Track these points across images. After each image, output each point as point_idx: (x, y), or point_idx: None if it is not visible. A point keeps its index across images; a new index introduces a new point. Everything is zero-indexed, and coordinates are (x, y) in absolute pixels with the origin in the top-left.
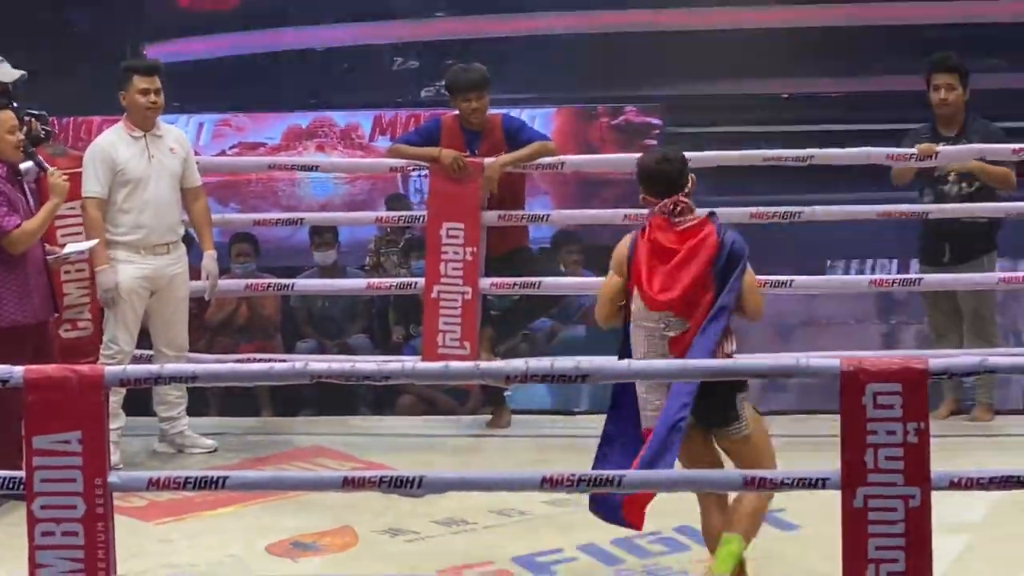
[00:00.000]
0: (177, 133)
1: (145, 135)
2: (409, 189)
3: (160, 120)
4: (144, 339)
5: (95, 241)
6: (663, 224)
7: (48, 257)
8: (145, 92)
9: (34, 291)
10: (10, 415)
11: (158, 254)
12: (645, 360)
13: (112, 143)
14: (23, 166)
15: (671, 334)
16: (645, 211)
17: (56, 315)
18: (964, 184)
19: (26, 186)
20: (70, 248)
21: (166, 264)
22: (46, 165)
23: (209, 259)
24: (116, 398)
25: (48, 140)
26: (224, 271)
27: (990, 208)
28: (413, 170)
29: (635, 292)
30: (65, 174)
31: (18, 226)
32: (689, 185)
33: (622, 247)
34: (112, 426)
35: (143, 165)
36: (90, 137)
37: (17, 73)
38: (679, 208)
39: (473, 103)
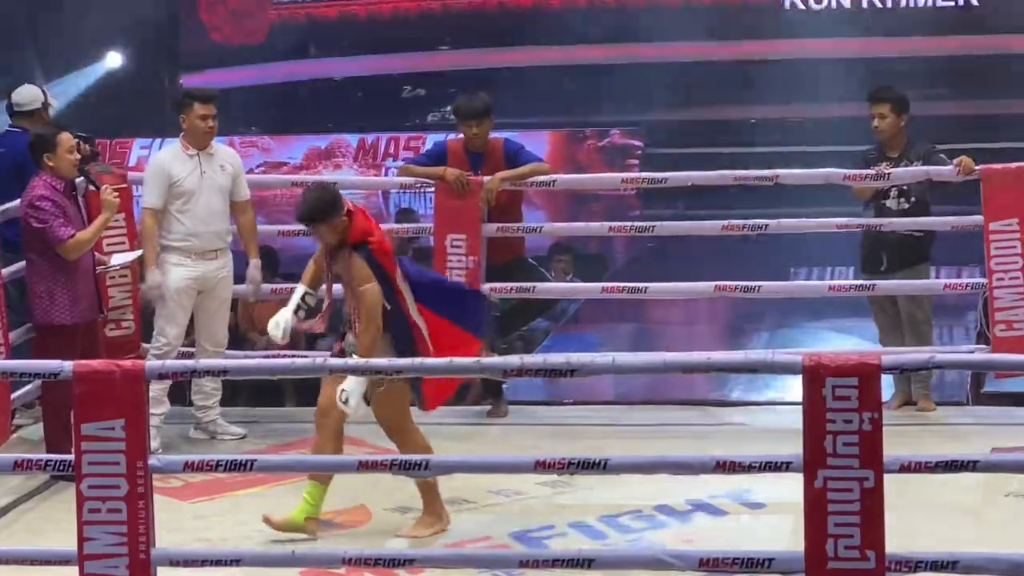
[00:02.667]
0: (229, 152)
1: (199, 153)
2: (390, 204)
3: (214, 140)
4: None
5: (138, 253)
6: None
7: (98, 268)
8: (204, 118)
9: (83, 295)
10: (61, 405)
11: (207, 259)
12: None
13: (169, 159)
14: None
15: None
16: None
17: (102, 316)
18: (903, 199)
19: (80, 200)
20: (116, 260)
21: (214, 268)
22: (98, 182)
23: (254, 267)
24: (162, 386)
25: (95, 160)
26: None
27: (929, 222)
28: (421, 187)
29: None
30: (115, 190)
31: (72, 236)
32: None
33: (362, 265)
34: (156, 411)
35: (195, 180)
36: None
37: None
38: None
39: (474, 128)
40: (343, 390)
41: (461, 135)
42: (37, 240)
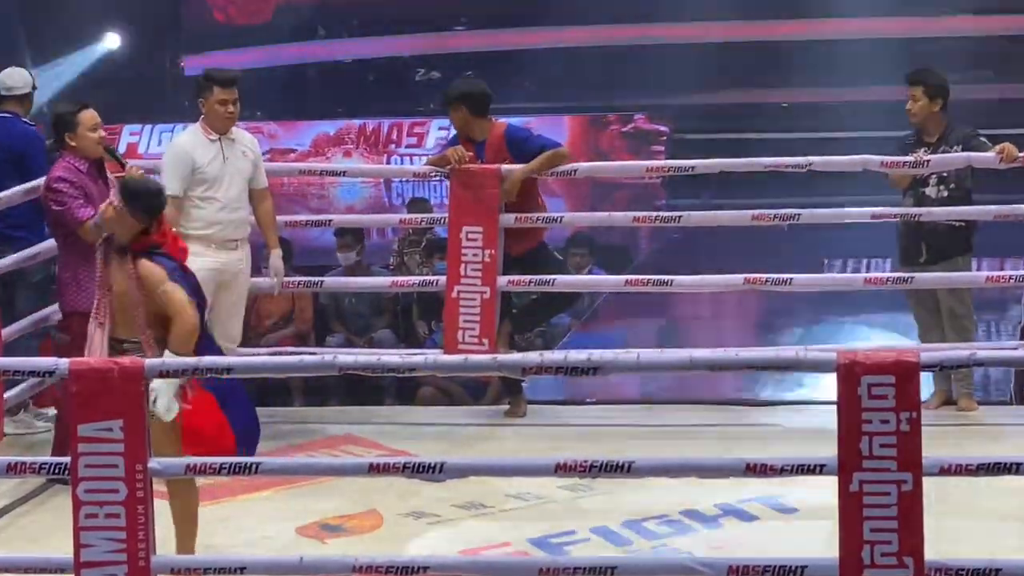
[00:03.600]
0: (248, 138)
1: (220, 138)
2: (392, 194)
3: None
4: None
5: None
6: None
7: None
8: (224, 102)
9: None
10: None
11: (228, 249)
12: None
13: (191, 144)
14: None
15: None
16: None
17: None
18: (943, 187)
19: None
20: None
21: (235, 259)
22: (124, 160)
23: (275, 257)
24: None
25: None
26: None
27: (970, 211)
28: (436, 176)
29: None
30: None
31: (91, 217)
32: None
33: (152, 266)
34: None
35: (218, 166)
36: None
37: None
38: None
39: (449, 116)
40: (152, 389)
41: None
42: (59, 224)
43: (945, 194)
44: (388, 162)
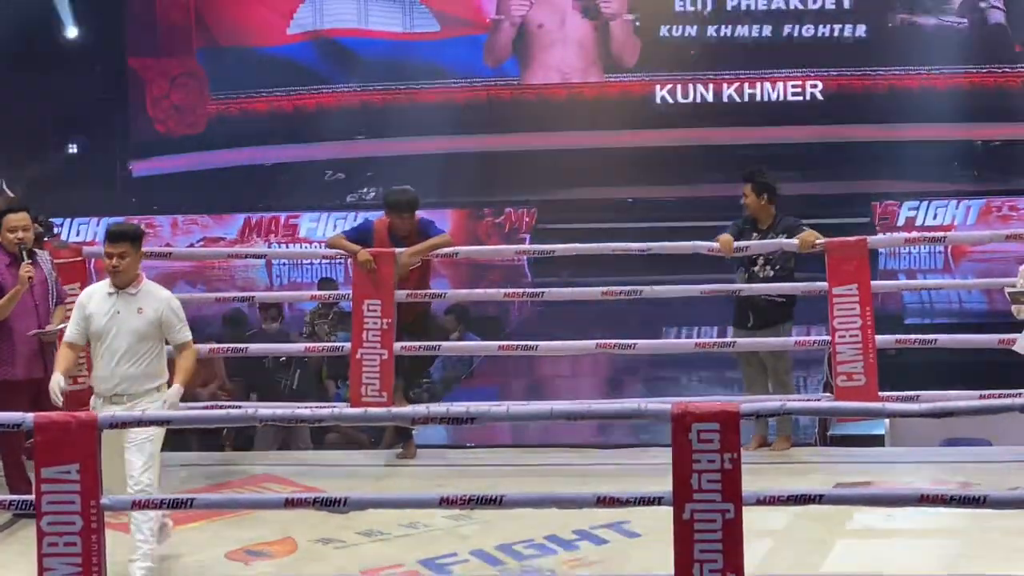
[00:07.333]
0: (157, 297)
1: (118, 291)
2: (272, 274)
3: (147, 283)
4: None
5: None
6: None
7: (29, 332)
8: (109, 256)
9: (19, 355)
10: (16, 451)
11: (114, 403)
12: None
13: (90, 295)
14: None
15: None
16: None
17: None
18: (768, 267)
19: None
20: (51, 327)
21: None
22: (32, 258)
23: (173, 392)
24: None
25: (49, 236)
26: None
27: (780, 287)
28: (340, 257)
29: None
30: (67, 262)
31: None
32: None
33: None
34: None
35: (106, 320)
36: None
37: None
38: None
39: (402, 219)
40: None
41: (384, 215)
42: None
43: (771, 273)
44: (269, 247)
